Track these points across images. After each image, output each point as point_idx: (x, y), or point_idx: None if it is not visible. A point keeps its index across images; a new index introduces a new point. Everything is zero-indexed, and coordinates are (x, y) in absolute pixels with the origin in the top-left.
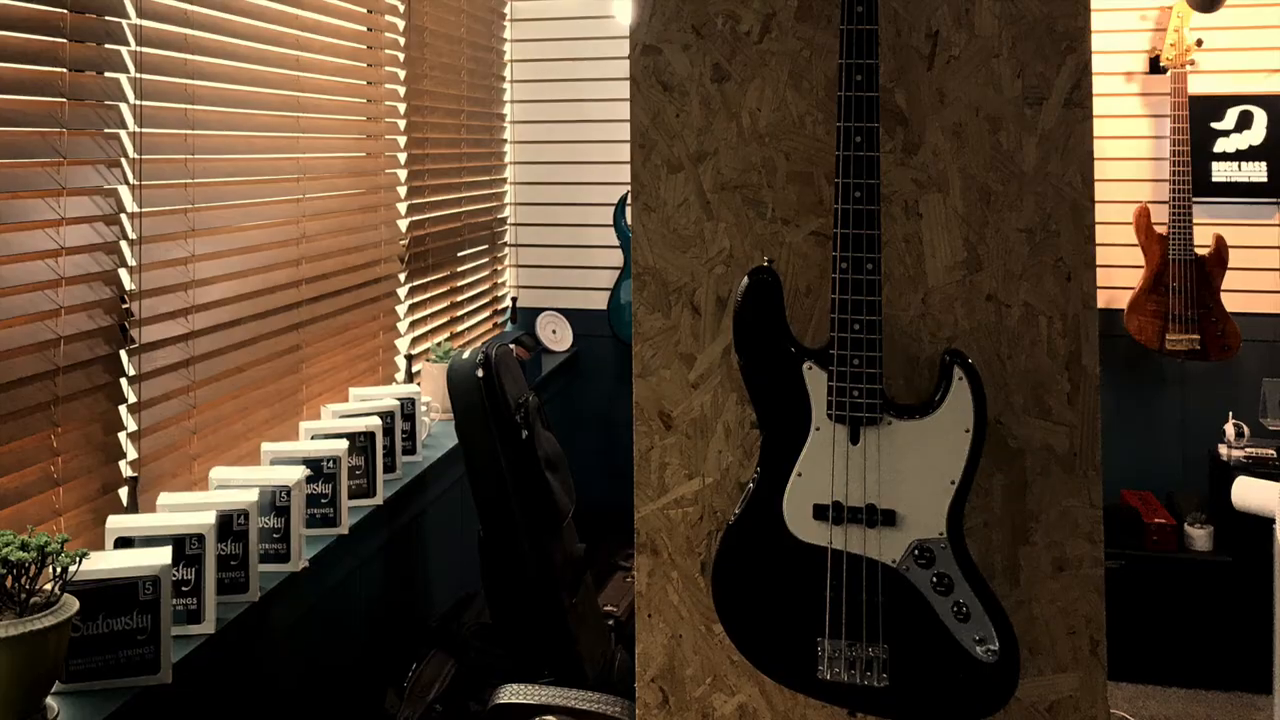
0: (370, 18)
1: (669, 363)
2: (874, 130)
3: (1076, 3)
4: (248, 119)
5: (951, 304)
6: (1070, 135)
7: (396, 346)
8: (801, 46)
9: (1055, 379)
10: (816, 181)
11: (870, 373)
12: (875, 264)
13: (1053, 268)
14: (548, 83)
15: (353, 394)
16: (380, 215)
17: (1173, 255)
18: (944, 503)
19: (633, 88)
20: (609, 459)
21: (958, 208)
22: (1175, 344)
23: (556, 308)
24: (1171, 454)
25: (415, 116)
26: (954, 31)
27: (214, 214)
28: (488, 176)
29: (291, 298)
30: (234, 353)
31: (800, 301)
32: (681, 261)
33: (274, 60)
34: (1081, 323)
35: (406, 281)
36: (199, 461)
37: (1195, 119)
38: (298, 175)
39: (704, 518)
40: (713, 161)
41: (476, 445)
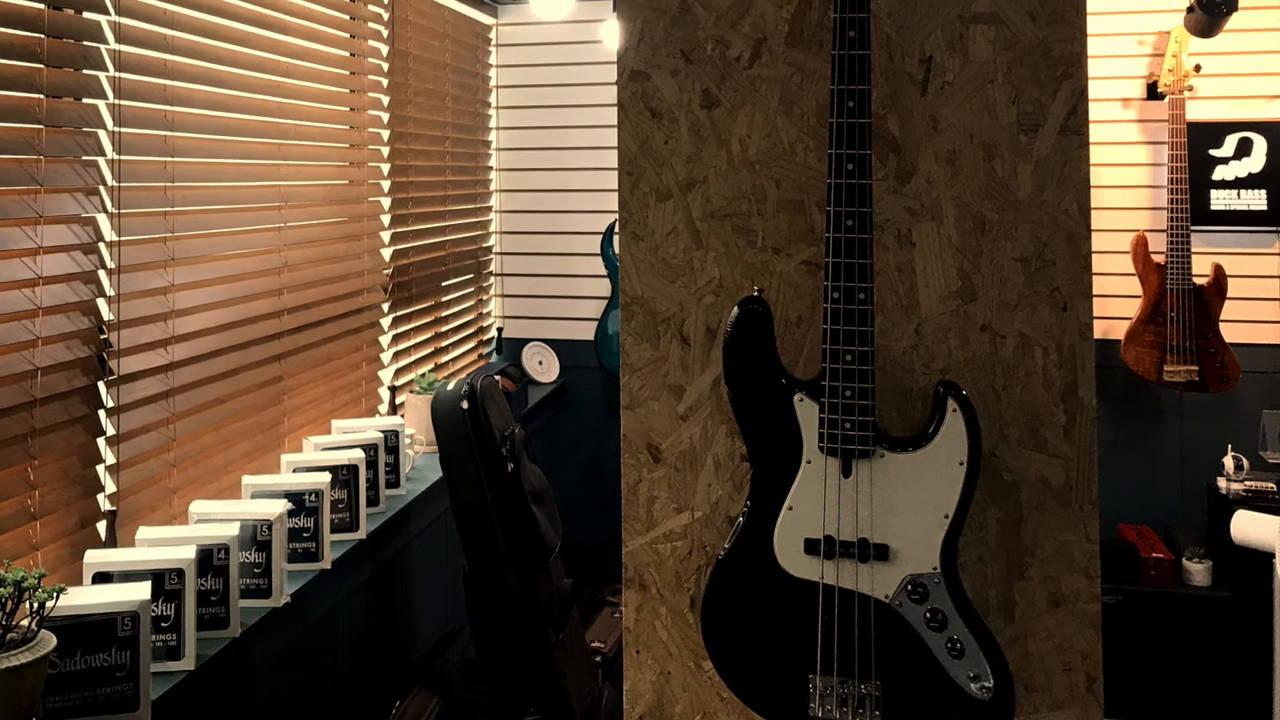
0: (353, 43)
1: (657, 394)
2: (866, 157)
3: (1072, 27)
4: (229, 145)
5: (945, 334)
6: (1066, 162)
7: (380, 378)
8: (792, 72)
9: (1051, 411)
10: (808, 209)
11: (862, 404)
12: (867, 294)
13: (1048, 297)
14: (534, 109)
15: (335, 426)
16: (363, 244)
17: (1171, 285)
18: (938, 537)
19: (620, 114)
20: (596, 492)
21: (951, 236)
22: (1173, 375)
23: (543, 338)
24: (1169, 487)
25: (399, 144)
26: (948, 57)
27: (194, 242)
28: (473, 204)
29: (273, 328)
30: (214, 384)
31: (791, 332)
32: (670, 291)
33: (256, 86)
34: (1078, 354)
35: (390, 311)
36: (179, 495)
37: (1194, 146)
38: (279, 203)
39: (693, 552)
40: (702, 189)
41: (461, 478)
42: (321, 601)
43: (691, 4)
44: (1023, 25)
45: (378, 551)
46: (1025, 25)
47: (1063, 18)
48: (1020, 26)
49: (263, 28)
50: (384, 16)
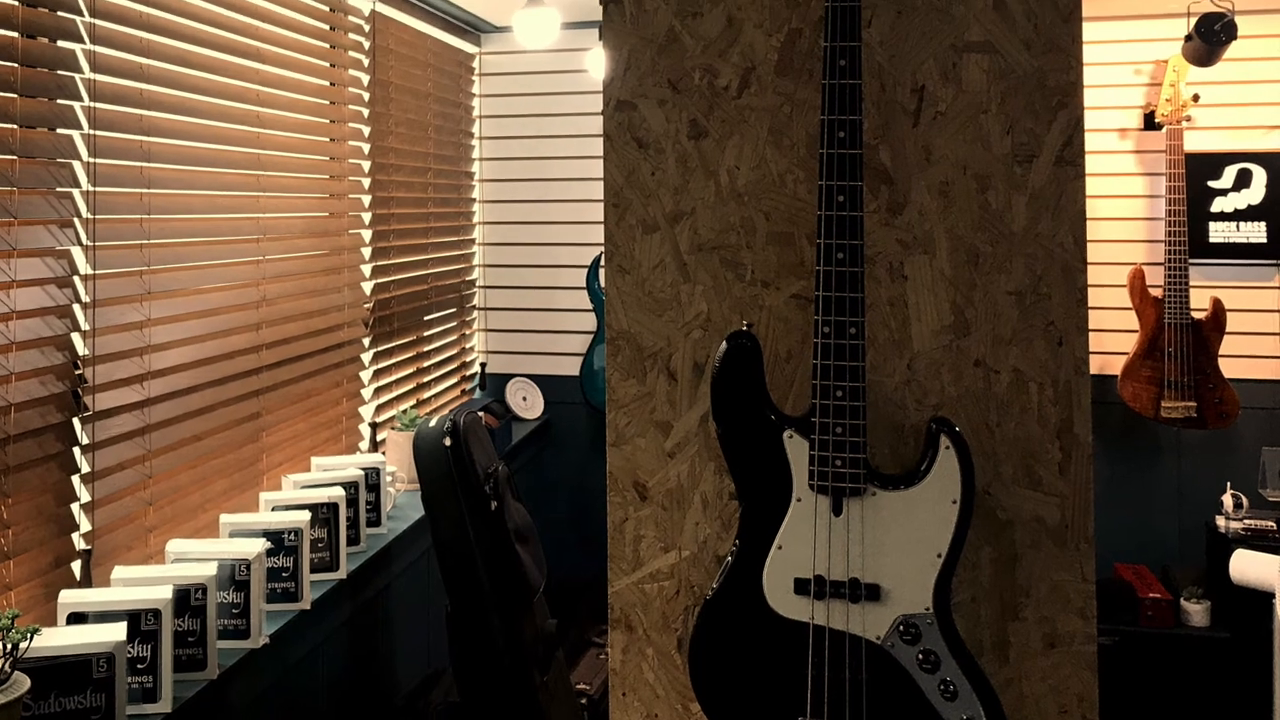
0: (333, 72)
1: (644, 431)
2: (857, 189)
3: (1068, 57)
4: (206, 177)
5: (938, 370)
6: (1062, 194)
7: (360, 414)
8: (782, 102)
9: (1046, 448)
10: (797, 242)
11: (853, 441)
12: (859, 328)
13: (1043, 332)
14: (518, 139)
15: (315, 463)
16: (344, 277)
17: (1168, 319)
18: (930, 577)
19: (606, 145)
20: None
21: (944, 270)
22: (1171, 411)
23: (527, 373)
24: (1167, 526)
25: (380, 175)
26: (941, 87)
27: (171, 276)
28: (455, 237)
29: (251, 363)
30: (191, 420)
31: (781, 367)
32: (657, 325)
33: (234, 116)
34: (1073, 389)
35: (371, 346)
36: (155, 534)
37: (1192, 177)
38: (258, 236)
39: (681, 592)
40: (690, 221)
41: (444, 517)
42: (301, 642)
43: (679, 32)
44: (1017, 54)
45: (358, 591)
46: (1020, 54)
47: (1058, 46)
48: (1014, 55)
49: (241, 56)
50: (364, 45)
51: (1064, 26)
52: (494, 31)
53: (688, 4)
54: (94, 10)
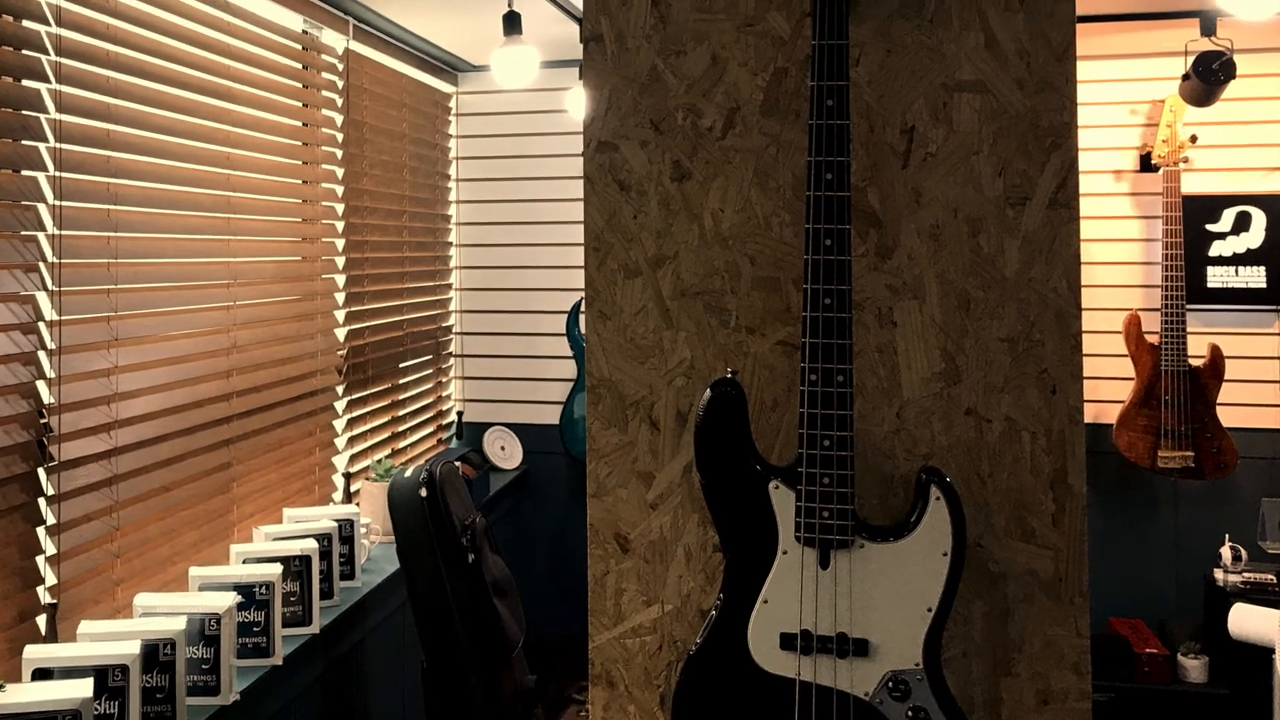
0: (306, 112)
1: (626, 481)
2: (845, 232)
3: (1062, 96)
4: (175, 220)
5: (928, 418)
6: (1055, 238)
7: (334, 464)
8: (767, 143)
9: (1039, 499)
10: (784, 287)
11: (841, 492)
12: (846, 376)
13: (1036, 380)
14: (496, 182)
15: (287, 515)
16: (317, 323)
17: (1165, 366)
18: (920, 631)
19: (587, 187)
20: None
21: (935, 315)
22: (1168, 461)
23: (505, 422)
24: (1164, 579)
25: (354, 218)
26: (931, 127)
27: (139, 322)
28: (432, 282)
29: (222, 412)
30: (160, 471)
31: (766, 416)
32: (639, 373)
33: (204, 158)
34: (1067, 439)
35: (345, 394)
36: (123, 587)
37: (1189, 220)
38: (228, 280)
39: (663, 647)
40: (672, 266)
41: (420, 569)
42: (272, 699)
43: (661, 72)
44: (1009, 94)
45: (332, 646)
46: (1012, 94)
47: (1051, 86)
48: (1007, 95)
49: (211, 96)
50: (338, 84)
51: (1058, 65)
52: (471, 70)
53: (671, 42)
54: (60, 49)
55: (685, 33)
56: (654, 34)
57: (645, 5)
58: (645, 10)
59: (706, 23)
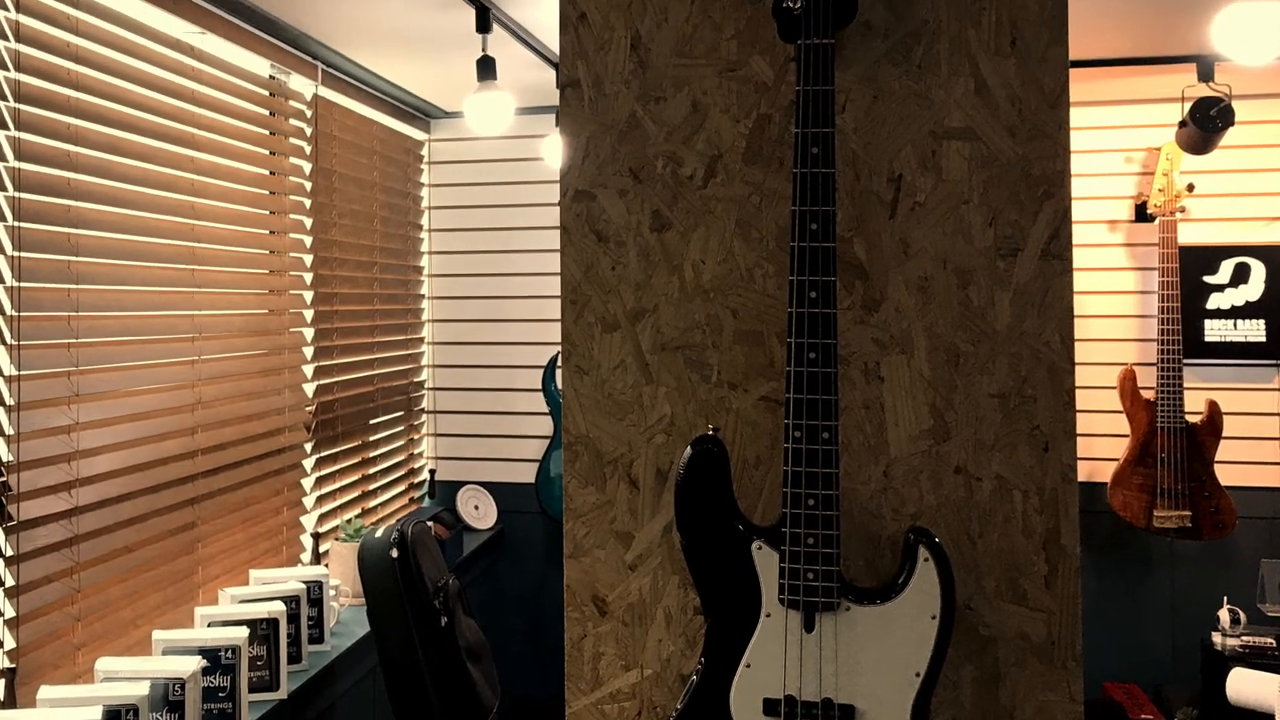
0: (273, 160)
1: (604, 542)
2: (830, 284)
3: (1054, 144)
4: (138, 272)
5: (916, 477)
6: (1048, 290)
7: (302, 524)
8: (750, 192)
9: (1031, 560)
10: (767, 341)
11: (826, 553)
12: (832, 433)
13: (1028, 437)
14: (470, 232)
15: (254, 576)
16: (284, 379)
17: (1161, 423)
18: (908, 697)
19: (563, 237)
20: (538, 648)
21: (923, 370)
22: (1164, 521)
23: (479, 481)
24: (1160, 643)
25: (323, 269)
26: (919, 175)
27: (100, 377)
28: (403, 335)
29: (186, 470)
30: (123, 531)
31: (749, 474)
32: (618, 430)
33: (167, 207)
34: (1060, 498)
35: (313, 452)
36: (84, 651)
37: (1186, 272)
38: (193, 334)
39: (643, 713)
40: (652, 319)
41: (391, 633)
42: None
43: (641, 118)
44: (1000, 141)
45: (300, 713)
46: (1003, 141)
47: (1044, 133)
48: (998, 143)
49: (174, 143)
50: (306, 131)
51: (1050, 112)
52: (444, 117)
53: (650, 88)
54: (18, 95)
55: (665, 78)
56: (633, 79)
57: (624, 50)
58: (624, 55)
59: (687, 68)
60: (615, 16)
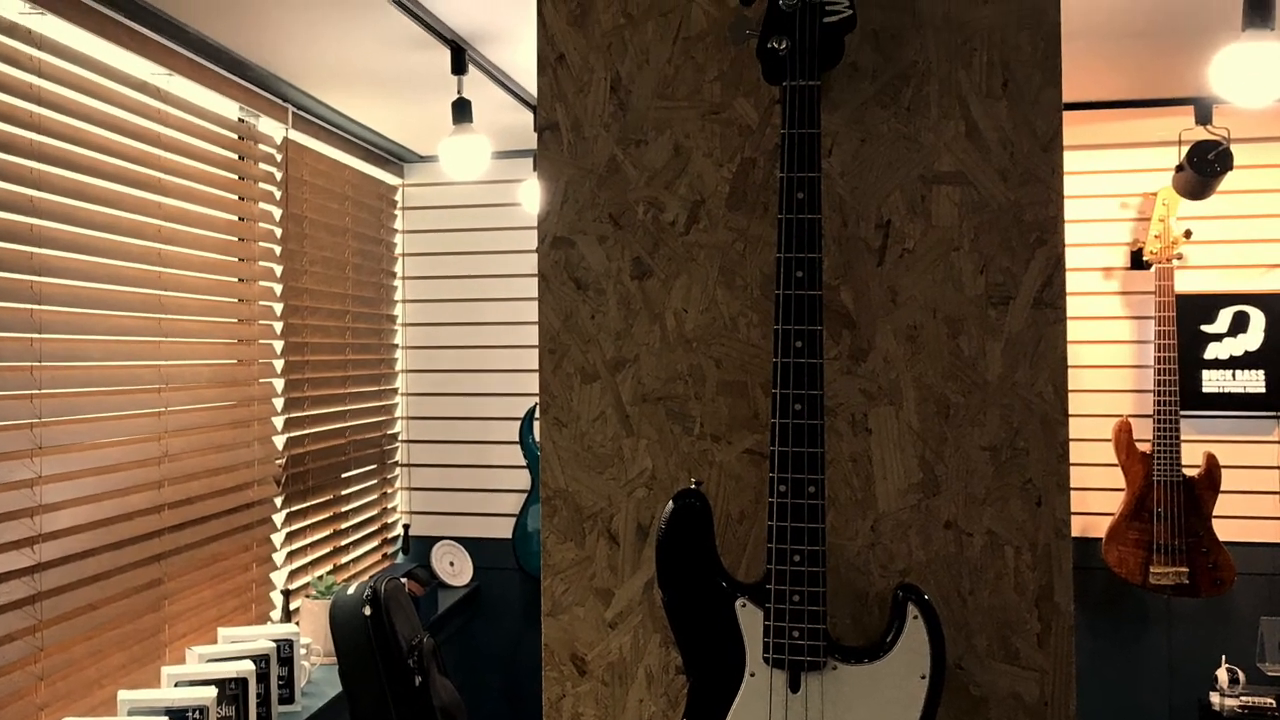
0: (242, 205)
1: (583, 599)
2: (817, 334)
3: (1048, 188)
4: (103, 321)
5: (905, 532)
6: (1041, 339)
7: (272, 580)
8: (734, 238)
9: (1023, 618)
10: (751, 392)
11: (812, 610)
12: (818, 487)
13: (1020, 491)
14: (445, 280)
15: (222, 635)
16: (253, 431)
17: (1157, 476)
18: None
19: (542, 285)
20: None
21: (912, 422)
22: (1160, 578)
23: (454, 536)
24: (1156, 703)
25: (293, 318)
26: (908, 221)
27: (64, 429)
28: (376, 386)
29: (152, 525)
30: (87, 588)
31: (733, 529)
32: (597, 484)
33: (133, 254)
34: (1053, 553)
35: (283, 507)
36: (47, 712)
37: (1183, 321)
38: (159, 385)
39: None
40: (633, 369)
41: (363, 693)
42: None
43: (621, 162)
44: (992, 186)
45: None
46: (995, 186)
47: (1037, 178)
48: (989, 187)
49: (140, 189)
50: (276, 176)
51: (1043, 156)
52: (418, 161)
53: (631, 131)
54: None
55: (646, 121)
56: (613, 122)
57: (604, 92)
58: (603, 97)
59: (669, 110)
60: (595, 58)
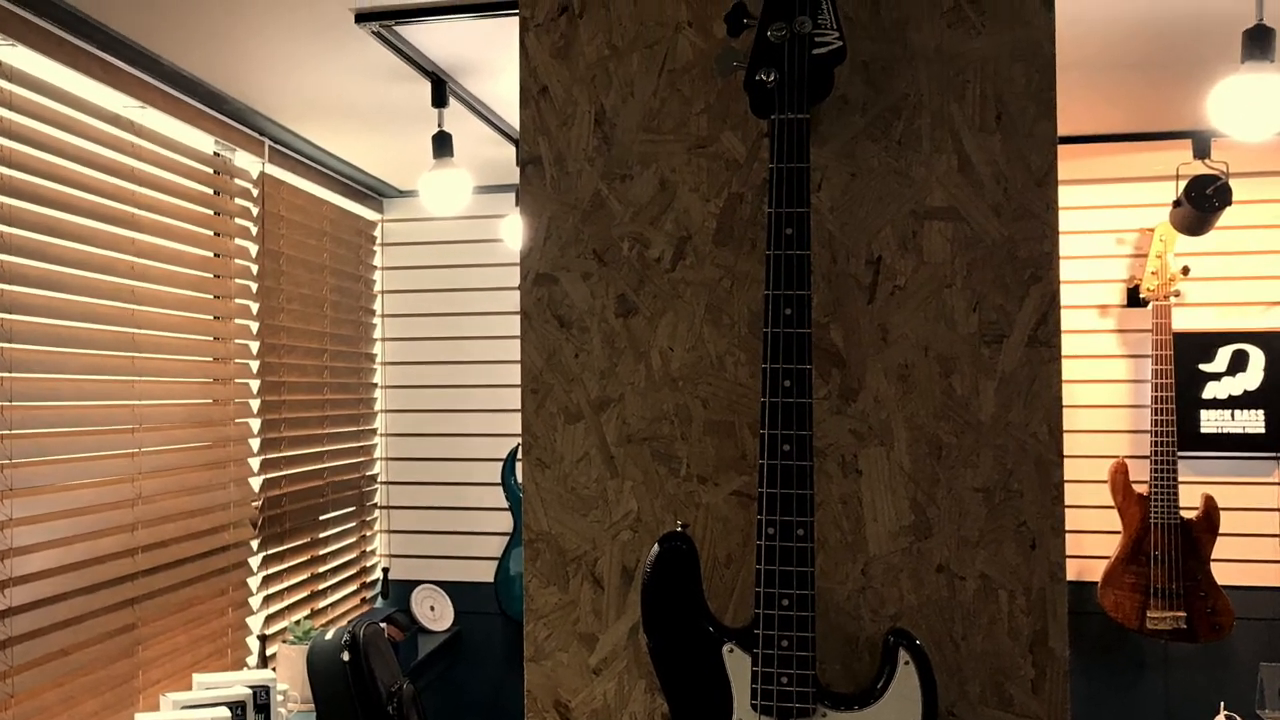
0: (217, 241)
1: (566, 644)
2: (806, 373)
3: (1042, 224)
4: (75, 360)
5: (896, 576)
6: (1035, 379)
7: (248, 625)
8: (721, 275)
9: (1018, 663)
10: (739, 433)
11: (801, 656)
12: (807, 529)
13: (1014, 533)
14: (425, 317)
15: (197, 681)
16: (229, 472)
17: (1154, 519)
18: None
19: (524, 323)
20: None
21: (903, 463)
22: (1158, 622)
23: (435, 580)
24: None
25: (270, 357)
26: (899, 258)
27: (35, 470)
28: (355, 427)
29: (125, 568)
30: (58, 633)
31: (720, 573)
32: (581, 526)
33: (106, 291)
34: (1048, 598)
35: (260, 550)
36: None
37: (1181, 359)
38: (133, 425)
39: None
40: (618, 409)
41: None
42: None
43: (606, 197)
44: (985, 221)
45: None
46: (988, 221)
47: (1031, 213)
48: (982, 223)
49: (113, 224)
50: (252, 211)
51: (1037, 191)
52: (398, 196)
53: (616, 165)
54: None
55: (631, 155)
56: (597, 156)
57: (588, 125)
58: (588, 131)
59: (654, 144)
60: (579, 90)
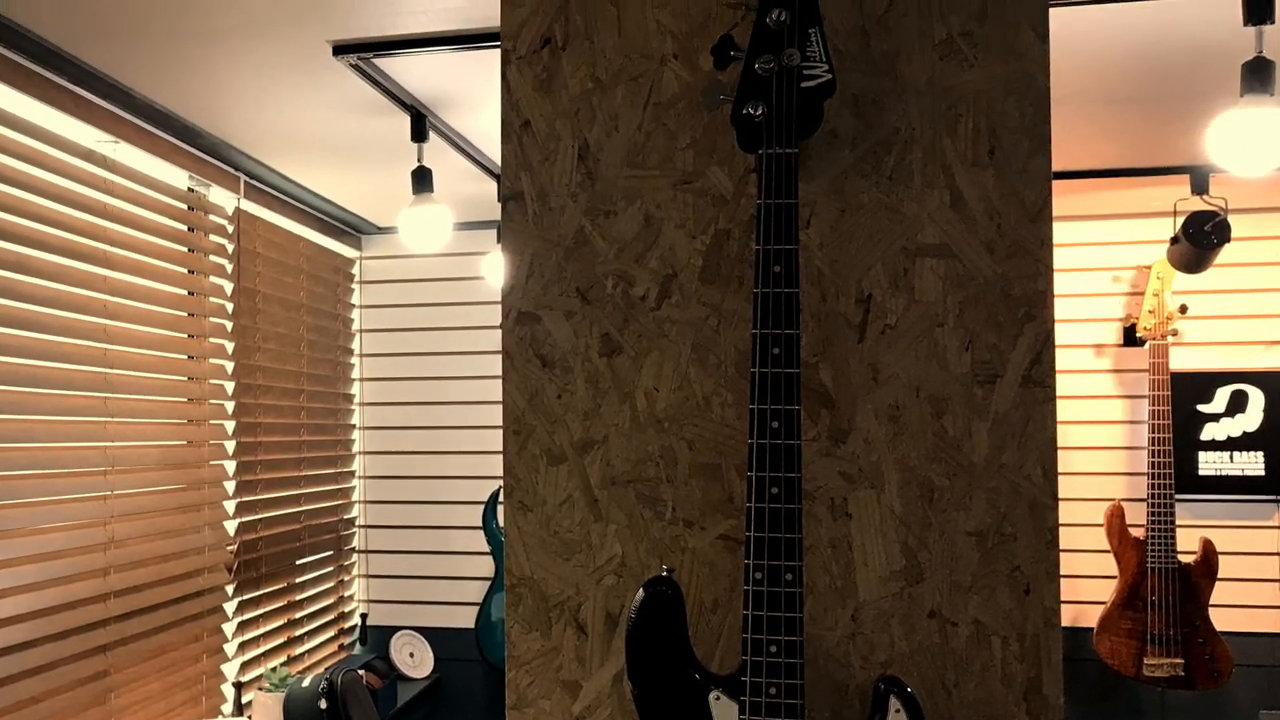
0: (192, 279)
1: (549, 692)
2: (794, 414)
3: (1036, 262)
4: (46, 400)
5: (887, 621)
6: (1029, 420)
7: (223, 672)
8: (707, 314)
9: (1011, 711)
10: (725, 475)
11: (790, 704)
12: (796, 574)
13: (1008, 578)
14: (404, 357)
15: None
16: (204, 515)
17: (1151, 563)
18: None
19: (506, 363)
20: None
21: (894, 506)
22: (1155, 669)
23: (414, 626)
24: None
25: (245, 397)
26: (890, 296)
27: (4, 514)
28: (332, 469)
29: (98, 614)
30: (28, 680)
31: (706, 618)
32: (564, 571)
33: (78, 330)
34: (1042, 644)
35: (235, 595)
36: None
37: (1178, 400)
38: (105, 467)
39: None
40: (602, 451)
41: None
42: None
43: (589, 234)
44: (978, 259)
45: None
46: (981, 259)
47: (1025, 250)
48: (975, 260)
49: (85, 261)
50: (227, 248)
51: (1031, 227)
52: (376, 233)
53: (600, 201)
54: None
55: (615, 191)
56: (580, 192)
57: (571, 160)
58: (571, 166)
59: (639, 179)
60: (561, 124)
